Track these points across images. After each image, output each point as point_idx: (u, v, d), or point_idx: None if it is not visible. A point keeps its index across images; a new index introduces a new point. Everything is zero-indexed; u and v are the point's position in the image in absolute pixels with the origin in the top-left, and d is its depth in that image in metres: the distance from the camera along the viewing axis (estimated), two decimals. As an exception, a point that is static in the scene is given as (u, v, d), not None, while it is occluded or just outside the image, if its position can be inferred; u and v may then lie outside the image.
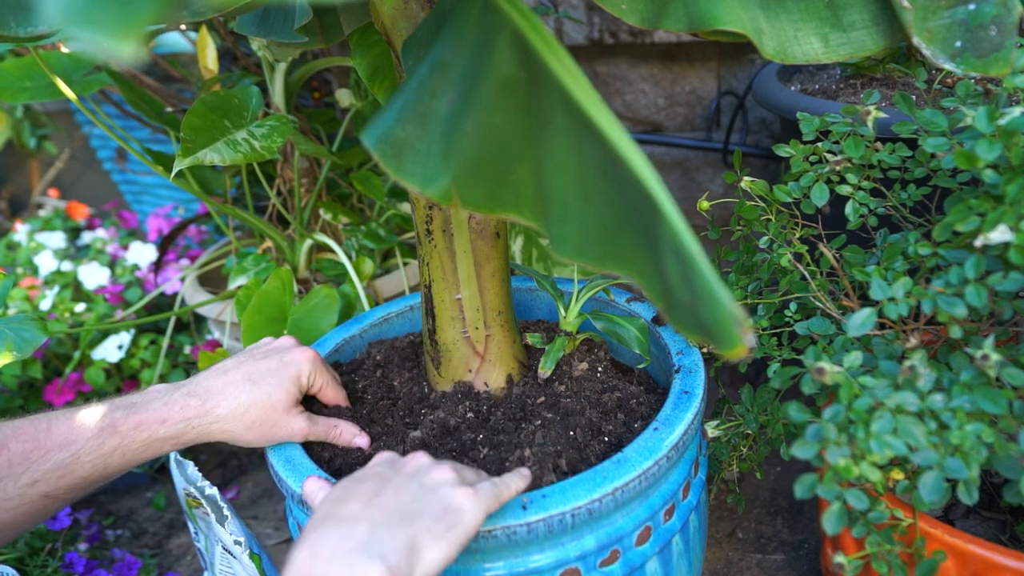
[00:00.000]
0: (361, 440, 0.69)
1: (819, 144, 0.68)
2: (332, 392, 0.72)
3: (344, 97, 1.15)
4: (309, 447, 0.71)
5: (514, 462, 0.65)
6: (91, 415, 0.59)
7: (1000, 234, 0.49)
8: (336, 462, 0.71)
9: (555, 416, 0.70)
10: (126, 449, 0.59)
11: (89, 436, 0.58)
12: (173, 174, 0.82)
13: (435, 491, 0.50)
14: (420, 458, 0.54)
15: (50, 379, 1.24)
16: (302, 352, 0.68)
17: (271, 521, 1.12)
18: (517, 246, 1.04)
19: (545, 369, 0.75)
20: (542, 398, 0.73)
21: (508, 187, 0.42)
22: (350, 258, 1.04)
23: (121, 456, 0.59)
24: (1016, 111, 0.52)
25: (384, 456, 0.57)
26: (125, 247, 1.62)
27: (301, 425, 0.66)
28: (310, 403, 0.74)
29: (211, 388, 0.63)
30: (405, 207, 1.18)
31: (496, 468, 0.65)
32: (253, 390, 0.64)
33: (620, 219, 0.39)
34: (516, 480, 0.56)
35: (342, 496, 0.50)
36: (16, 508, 0.55)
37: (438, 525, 0.48)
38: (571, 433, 0.68)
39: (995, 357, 0.49)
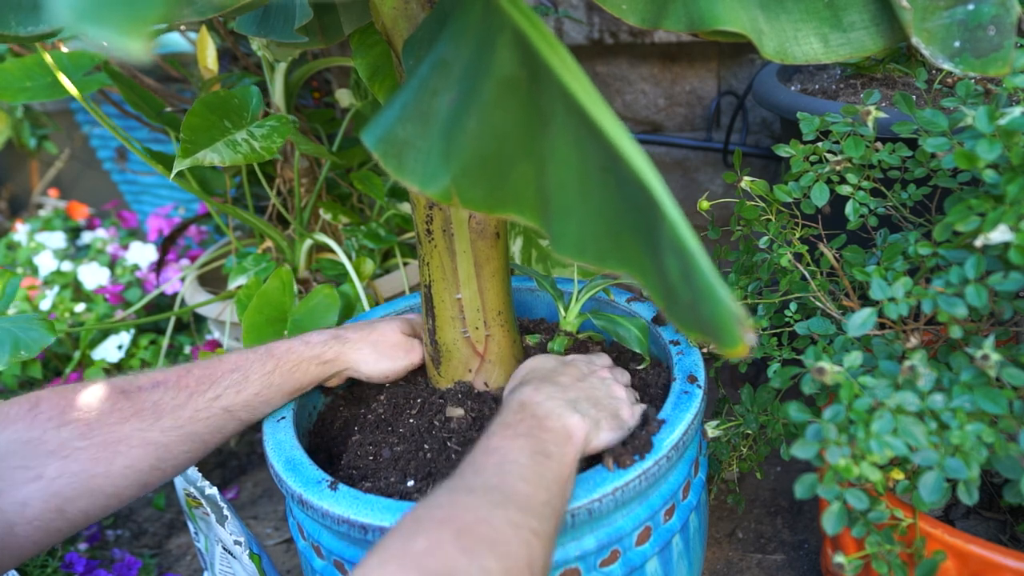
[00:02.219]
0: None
1: (819, 144, 0.68)
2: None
3: (344, 97, 1.15)
4: (310, 450, 0.72)
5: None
6: (252, 348, 0.70)
7: (1000, 234, 0.49)
8: (339, 463, 0.71)
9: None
10: (283, 368, 0.69)
11: (253, 360, 0.69)
12: (173, 174, 0.82)
13: (615, 399, 0.64)
14: (606, 372, 0.68)
15: (50, 379, 1.24)
16: (406, 316, 0.82)
17: (271, 521, 1.12)
18: (517, 246, 1.04)
19: (545, 369, 0.75)
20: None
21: (509, 186, 0.42)
22: (350, 258, 1.04)
23: (280, 375, 0.69)
24: (1016, 111, 0.52)
25: (580, 357, 0.71)
26: (125, 247, 1.62)
27: (418, 347, 0.77)
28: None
29: (341, 327, 0.76)
30: (405, 207, 1.18)
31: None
32: (374, 323, 0.77)
33: (621, 218, 0.39)
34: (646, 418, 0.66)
35: (555, 369, 0.66)
36: (206, 419, 0.65)
37: (614, 421, 0.62)
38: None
39: (995, 357, 0.49)
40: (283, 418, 0.71)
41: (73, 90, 0.87)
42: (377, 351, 0.74)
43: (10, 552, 0.56)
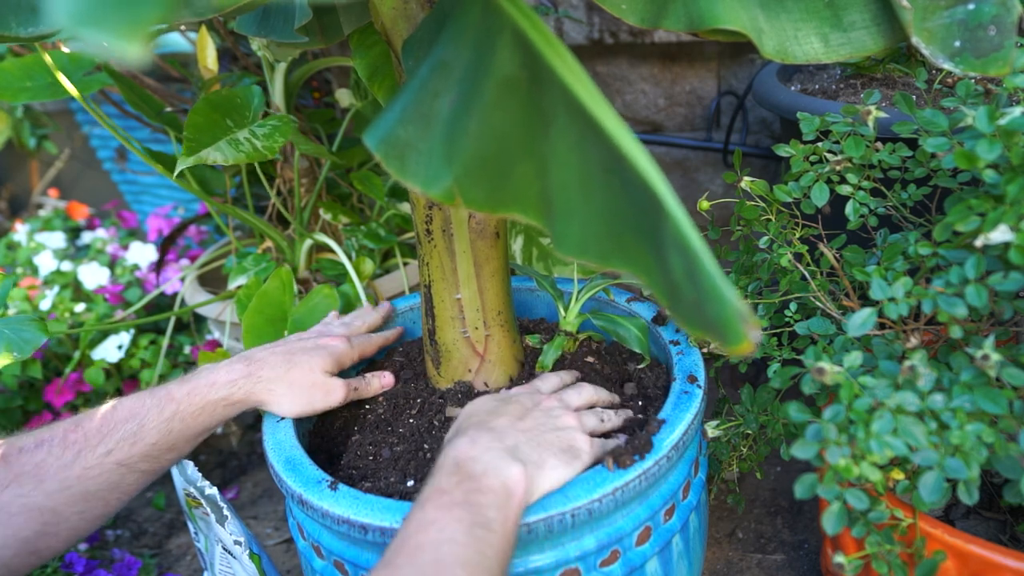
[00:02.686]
0: (387, 379, 0.77)
1: (819, 144, 0.68)
2: (371, 348, 0.79)
3: (344, 97, 1.14)
4: (310, 450, 0.71)
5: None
6: (152, 391, 0.66)
7: (1000, 234, 0.49)
8: (339, 463, 0.71)
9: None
10: (184, 414, 0.65)
11: (150, 406, 0.64)
12: (176, 173, 0.82)
13: (564, 431, 0.60)
14: (552, 400, 0.64)
15: (50, 379, 1.24)
16: (336, 338, 0.75)
17: (271, 521, 1.12)
18: (517, 246, 1.04)
19: (543, 368, 0.75)
20: (542, 398, 0.73)
21: (511, 186, 0.42)
22: (350, 258, 1.04)
23: (181, 421, 0.65)
24: (1016, 111, 0.52)
25: (523, 389, 0.67)
26: (125, 247, 1.62)
27: (338, 385, 0.71)
28: None
29: (255, 355, 0.70)
30: (405, 207, 1.18)
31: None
32: (295, 358, 0.70)
33: (624, 216, 0.39)
34: (611, 445, 0.63)
35: (493, 410, 0.61)
36: (98, 476, 0.61)
37: (565, 455, 0.58)
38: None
39: (995, 357, 0.49)
40: (277, 422, 0.71)
41: (73, 90, 0.87)
42: (292, 392, 0.69)
43: None
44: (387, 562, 0.48)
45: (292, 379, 0.69)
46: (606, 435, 0.65)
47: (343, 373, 0.76)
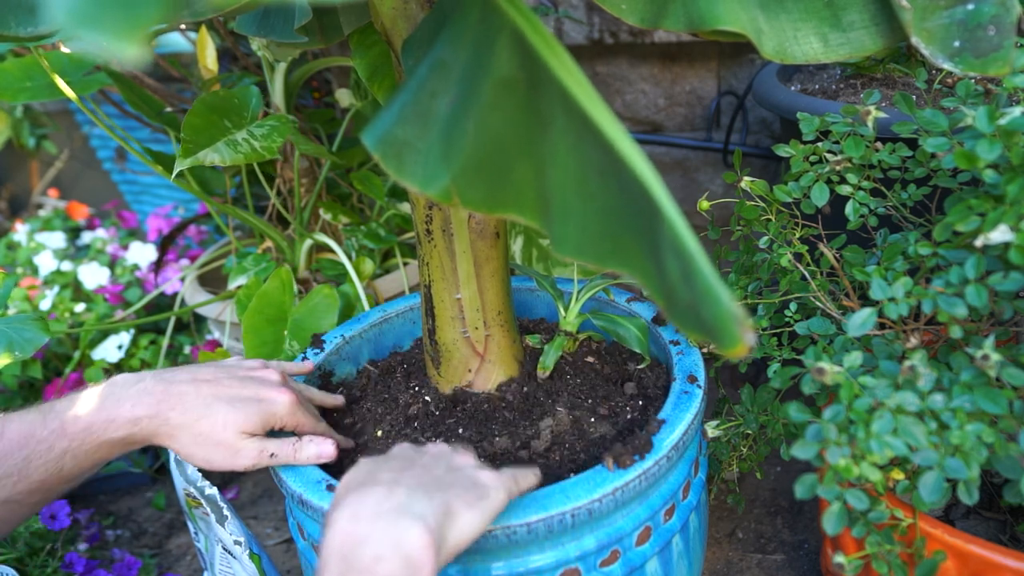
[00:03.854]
0: (326, 449, 0.64)
1: (819, 144, 0.68)
2: (310, 428, 0.66)
3: (344, 97, 1.15)
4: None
5: (514, 462, 0.65)
6: (44, 417, 0.58)
7: (1000, 234, 0.49)
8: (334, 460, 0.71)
9: (554, 416, 0.70)
10: (77, 451, 0.58)
11: (40, 439, 0.57)
12: (174, 175, 0.82)
13: (461, 470, 0.52)
14: (440, 445, 0.56)
15: (50, 379, 1.24)
16: (282, 393, 0.64)
17: (271, 521, 1.12)
18: (517, 246, 1.04)
19: (544, 368, 0.75)
20: (541, 398, 0.73)
21: (508, 187, 0.42)
22: (350, 258, 1.04)
23: (73, 458, 0.58)
24: (1016, 111, 0.52)
25: (404, 445, 0.57)
26: (125, 247, 1.62)
27: (250, 452, 0.61)
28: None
29: (172, 387, 0.61)
30: (405, 207, 1.18)
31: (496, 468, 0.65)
32: (214, 407, 0.61)
33: (621, 218, 0.39)
34: (529, 475, 0.57)
35: (373, 469, 0.52)
36: None
37: (469, 495, 0.49)
38: (571, 432, 0.68)
39: (995, 357, 0.49)
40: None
41: (70, 92, 0.87)
42: (197, 444, 0.60)
43: None
44: None
45: (200, 430, 0.60)
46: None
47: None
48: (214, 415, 0.60)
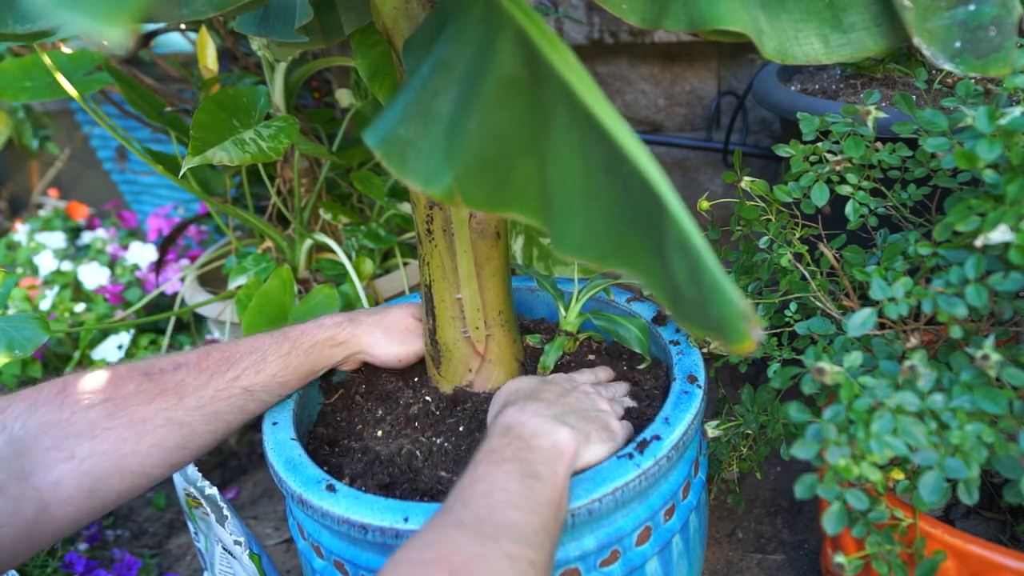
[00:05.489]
0: None
1: (819, 144, 0.68)
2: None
3: (344, 97, 1.15)
4: (311, 450, 0.71)
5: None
6: (268, 332, 0.72)
7: (1000, 234, 0.49)
8: (335, 460, 0.71)
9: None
10: (299, 349, 0.71)
11: (270, 342, 0.70)
12: (182, 173, 0.82)
13: (603, 413, 0.64)
14: (588, 387, 0.68)
15: (50, 379, 1.24)
16: (407, 304, 0.81)
17: (271, 521, 1.12)
18: (518, 246, 1.04)
19: (544, 368, 0.75)
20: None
21: (511, 185, 0.42)
22: (350, 258, 1.04)
23: (296, 356, 0.71)
24: (1016, 111, 0.52)
25: (561, 375, 0.70)
26: (125, 247, 1.62)
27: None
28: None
29: (352, 312, 0.77)
30: (405, 207, 1.18)
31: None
32: (384, 309, 0.78)
33: (625, 216, 0.39)
34: (622, 437, 0.65)
35: (537, 388, 0.65)
36: (227, 398, 0.66)
37: (604, 433, 0.61)
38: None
39: (995, 357, 0.49)
40: (276, 423, 0.71)
41: (72, 91, 0.87)
42: (388, 335, 0.75)
43: (46, 530, 0.57)
44: (445, 509, 0.51)
45: (388, 323, 0.76)
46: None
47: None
48: (392, 311, 0.78)
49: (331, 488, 0.61)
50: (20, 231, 1.73)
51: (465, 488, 0.52)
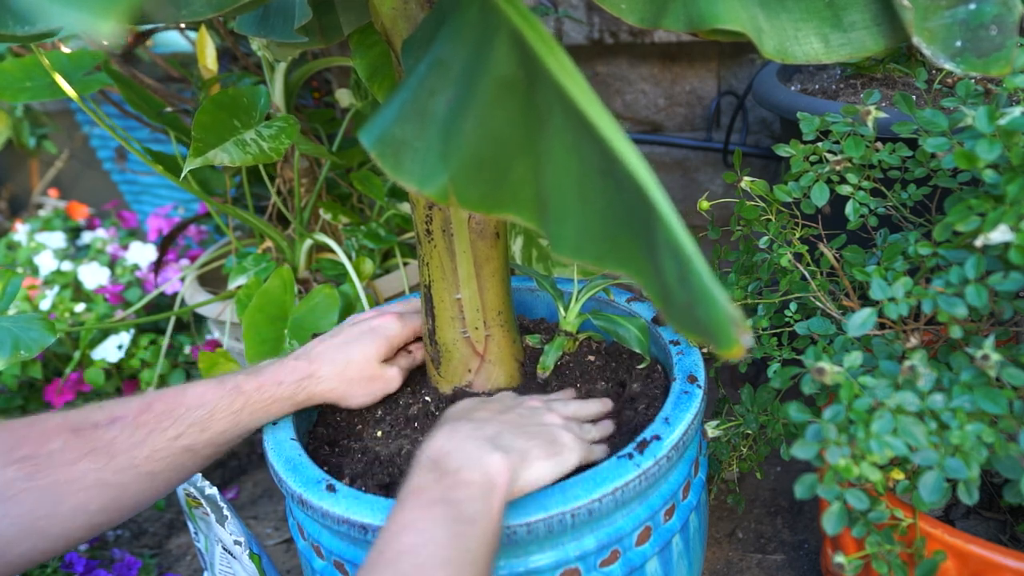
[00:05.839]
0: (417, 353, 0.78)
1: (819, 144, 0.68)
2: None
3: (344, 97, 1.14)
4: (311, 450, 0.71)
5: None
6: (219, 381, 0.66)
7: (1000, 234, 0.49)
8: (334, 460, 0.71)
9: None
10: (253, 407, 0.66)
11: (220, 395, 0.65)
12: (184, 174, 0.82)
13: (548, 427, 0.60)
14: (537, 399, 0.65)
15: (50, 379, 1.24)
16: (385, 317, 0.75)
17: (271, 521, 1.12)
18: (517, 246, 1.04)
19: (544, 368, 0.75)
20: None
21: (506, 187, 0.42)
22: (350, 258, 1.04)
23: (249, 413, 0.66)
24: (1016, 111, 0.52)
25: (506, 392, 0.68)
26: (125, 247, 1.62)
27: (395, 373, 0.74)
28: None
29: (312, 353, 0.71)
30: (405, 207, 1.18)
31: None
32: (348, 349, 0.71)
33: (618, 219, 0.39)
34: (598, 451, 0.63)
35: (473, 407, 0.62)
36: (165, 458, 0.62)
37: (548, 448, 0.57)
38: (571, 433, 0.68)
39: (995, 357, 0.49)
40: (276, 423, 0.71)
41: (70, 91, 0.87)
42: (351, 387, 0.71)
43: None
44: (369, 566, 0.48)
45: (349, 375, 0.71)
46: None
47: None
48: (351, 355, 0.71)
49: (331, 488, 0.61)
50: (20, 231, 1.73)
51: (391, 539, 0.49)
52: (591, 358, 0.79)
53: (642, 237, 0.38)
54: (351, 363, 0.71)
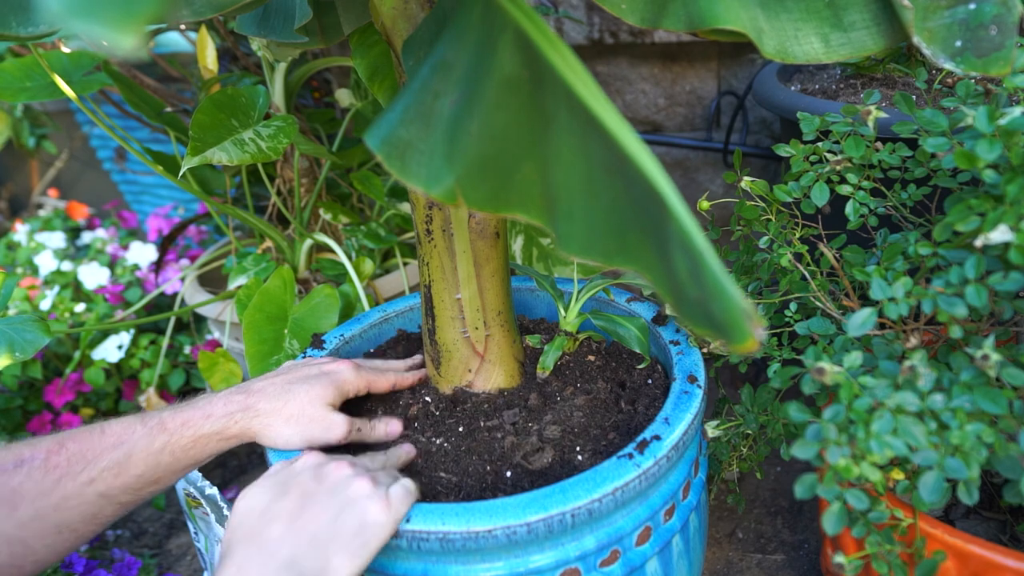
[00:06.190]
0: (393, 427, 0.71)
1: (819, 144, 0.68)
2: (383, 383, 0.74)
3: (344, 97, 1.15)
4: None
5: (514, 462, 0.65)
6: (142, 417, 0.61)
7: (1000, 234, 0.49)
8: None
9: (554, 416, 0.70)
10: (175, 446, 0.61)
11: (140, 435, 0.60)
12: (181, 173, 0.82)
13: (355, 504, 0.55)
14: (343, 468, 0.58)
15: (50, 379, 1.24)
16: (341, 363, 0.72)
17: (271, 521, 1.12)
18: (518, 245, 1.04)
19: (544, 368, 0.75)
20: (542, 398, 0.73)
21: (513, 186, 0.42)
22: (350, 258, 1.04)
23: (171, 453, 0.61)
24: (1016, 111, 0.52)
25: (310, 460, 0.60)
26: (125, 247, 1.62)
27: (339, 420, 0.67)
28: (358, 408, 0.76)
29: (253, 386, 0.66)
30: (405, 207, 1.18)
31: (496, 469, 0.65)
32: (294, 388, 0.66)
33: (627, 216, 0.39)
34: (410, 497, 0.58)
35: (266, 510, 0.55)
36: (76, 506, 0.57)
37: (354, 543, 0.53)
38: (571, 432, 0.68)
39: (995, 357, 0.49)
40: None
41: (69, 92, 0.87)
42: (290, 427, 0.65)
43: None
44: None
45: (290, 413, 0.65)
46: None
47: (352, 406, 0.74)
48: (296, 395, 0.66)
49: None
50: (20, 231, 1.73)
51: None
52: (591, 358, 0.79)
53: (652, 233, 0.38)
54: (293, 399, 0.66)
